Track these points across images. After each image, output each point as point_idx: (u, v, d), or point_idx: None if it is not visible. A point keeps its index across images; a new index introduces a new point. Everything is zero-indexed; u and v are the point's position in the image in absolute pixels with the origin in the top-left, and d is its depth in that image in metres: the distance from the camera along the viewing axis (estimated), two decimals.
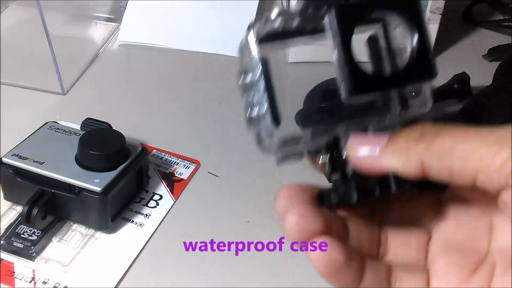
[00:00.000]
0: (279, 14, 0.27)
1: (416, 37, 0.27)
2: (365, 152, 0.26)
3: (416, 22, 0.27)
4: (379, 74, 0.28)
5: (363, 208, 0.29)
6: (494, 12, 0.67)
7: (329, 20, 0.26)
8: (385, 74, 0.28)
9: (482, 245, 0.27)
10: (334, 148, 0.28)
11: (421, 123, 0.26)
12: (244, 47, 0.28)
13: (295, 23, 0.27)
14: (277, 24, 0.27)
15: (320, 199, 0.29)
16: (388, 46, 0.29)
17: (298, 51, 0.55)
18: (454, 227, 0.28)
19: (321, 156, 0.29)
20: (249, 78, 0.27)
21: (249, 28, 0.27)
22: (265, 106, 0.27)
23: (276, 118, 0.27)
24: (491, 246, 0.27)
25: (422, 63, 0.27)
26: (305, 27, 0.27)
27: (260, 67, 0.27)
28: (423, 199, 0.30)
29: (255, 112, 0.27)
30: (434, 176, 0.25)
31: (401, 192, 0.27)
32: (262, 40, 0.27)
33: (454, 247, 0.28)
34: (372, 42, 0.29)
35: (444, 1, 0.54)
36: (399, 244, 0.29)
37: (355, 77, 0.26)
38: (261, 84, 0.27)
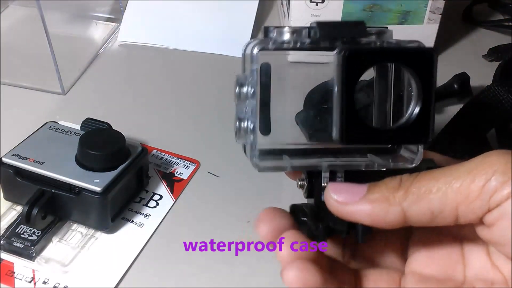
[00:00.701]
0: (291, 34, 0.26)
1: (422, 98, 0.26)
2: (344, 198, 0.26)
3: (427, 83, 0.26)
4: (375, 127, 0.27)
5: (334, 243, 0.29)
6: (494, 12, 0.67)
7: (337, 61, 0.25)
8: (381, 127, 0.28)
9: (457, 274, 0.27)
10: (314, 176, 0.28)
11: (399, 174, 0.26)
12: (246, 58, 0.27)
13: (305, 45, 0.26)
14: (285, 44, 0.26)
15: (293, 214, 0.29)
16: (396, 87, 0.28)
17: (298, 51, 0.55)
18: (425, 260, 0.28)
19: (299, 180, 0.29)
20: (244, 89, 0.27)
21: (253, 41, 0.26)
22: (255, 122, 0.26)
23: (266, 128, 0.27)
24: (467, 274, 0.27)
25: (421, 126, 0.26)
26: (316, 48, 0.26)
27: (257, 83, 0.26)
28: (391, 235, 0.30)
29: (244, 125, 0.27)
30: (415, 221, 0.25)
31: (364, 241, 0.27)
32: (266, 53, 0.26)
33: (429, 279, 0.28)
34: (382, 69, 0.28)
35: (444, 1, 0.54)
36: (371, 280, 0.29)
37: (350, 127, 0.25)
38: (255, 100, 0.26)
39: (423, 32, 0.56)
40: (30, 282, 0.37)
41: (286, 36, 0.26)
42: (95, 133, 0.42)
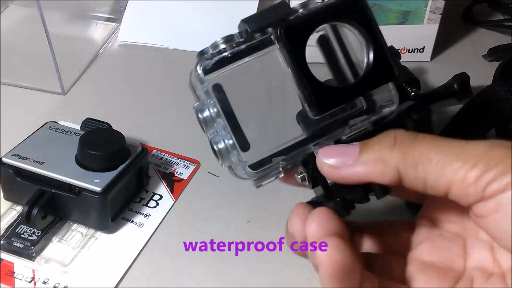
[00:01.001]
0: (225, 42, 0.26)
1: (371, 42, 0.26)
2: (337, 162, 0.26)
3: (369, 27, 0.26)
4: (340, 86, 0.27)
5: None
6: (494, 12, 0.67)
7: (277, 43, 0.25)
8: (345, 83, 0.27)
9: (458, 264, 0.27)
10: (311, 163, 0.28)
11: (392, 129, 0.25)
12: (193, 84, 0.27)
13: (243, 47, 0.26)
14: (224, 53, 0.26)
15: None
16: (342, 47, 0.28)
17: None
18: (428, 250, 0.28)
19: (298, 174, 0.29)
20: (206, 114, 0.26)
21: (194, 67, 0.26)
22: (231, 138, 0.26)
23: (244, 144, 0.27)
24: (467, 265, 0.27)
25: (382, 66, 0.26)
26: (254, 47, 0.26)
27: (215, 101, 0.26)
28: (396, 224, 0.30)
29: (221, 146, 0.27)
30: (409, 184, 0.25)
31: (383, 196, 0.26)
32: (209, 71, 0.26)
33: (430, 267, 0.28)
34: (323, 42, 0.28)
35: (444, 1, 0.54)
36: (379, 265, 0.29)
37: (317, 96, 0.25)
38: (221, 119, 0.26)
39: (423, 32, 0.56)
40: (30, 282, 0.37)
41: (221, 46, 0.26)
42: (95, 133, 0.42)
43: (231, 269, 0.38)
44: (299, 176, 0.28)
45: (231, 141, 0.26)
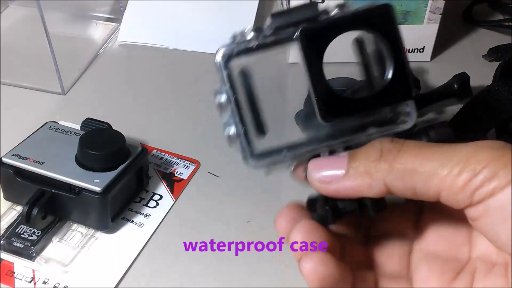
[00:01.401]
0: (253, 32, 0.26)
1: (393, 58, 0.25)
2: (326, 177, 0.26)
3: (393, 41, 0.25)
4: (351, 97, 0.27)
5: (348, 223, 0.29)
6: (494, 12, 0.67)
7: (297, 46, 0.25)
8: (359, 96, 0.27)
9: (463, 253, 0.27)
10: None
11: (379, 140, 0.25)
12: (218, 68, 0.27)
13: (269, 40, 0.26)
14: (251, 43, 0.26)
15: (310, 207, 0.29)
16: (377, 53, 0.27)
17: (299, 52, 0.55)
18: (434, 238, 0.28)
19: (304, 170, 0.28)
20: (222, 98, 0.27)
21: (219, 48, 0.26)
22: (239, 126, 0.26)
23: (260, 129, 0.27)
24: (472, 255, 0.27)
25: (400, 83, 0.26)
26: (280, 41, 0.26)
27: (229, 88, 0.26)
28: (403, 212, 0.30)
29: (231, 131, 0.27)
30: (399, 194, 0.25)
31: (377, 212, 0.26)
32: (232, 57, 0.26)
33: (435, 256, 0.28)
34: (359, 44, 0.28)
35: (444, 1, 0.54)
36: (383, 256, 0.29)
37: (327, 103, 0.25)
38: (233, 105, 0.26)
39: (423, 32, 0.56)
40: (30, 282, 0.37)
41: (250, 35, 0.26)
42: (95, 133, 0.42)
43: (231, 269, 0.38)
44: (304, 174, 0.29)
45: (241, 128, 0.27)
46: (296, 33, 0.25)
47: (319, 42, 0.25)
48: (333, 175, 0.25)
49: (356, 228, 0.31)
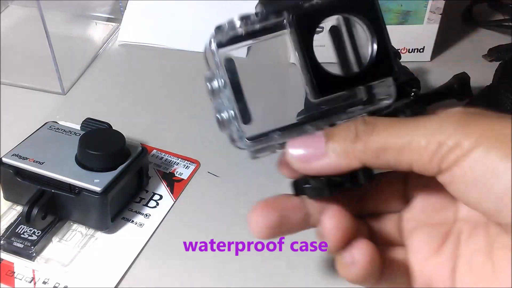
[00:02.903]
0: (241, 20, 0.28)
1: (376, 37, 0.27)
2: (305, 156, 0.27)
3: (375, 22, 0.27)
4: (342, 73, 0.29)
5: (340, 198, 0.30)
6: (494, 12, 0.67)
7: (288, 27, 0.27)
8: (347, 73, 0.29)
9: (449, 215, 0.29)
10: None
11: (352, 121, 0.27)
12: (207, 55, 0.28)
13: (257, 27, 0.28)
14: (239, 30, 0.28)
15: (296, 189, 0.29)
16: (351, 39, 0.29)
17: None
18: (421, 205, 0.30)
19: None
20: (215, 84, 0.28)
21: (211, 36, 0.27)
22: (233, 110, 0.28)
23: (246, 117, 0.28)
24: (458, 215, 0.29)
25: (382, 61, 0.28)
26: (267, 28, 0.27)
27: (224, 73, 0.28)
28: (390, 185, 0.31)
29: (224, 115, 0.28)
30: (376, 168, 0.27)
31: (369, 179, 0.28)
32: (223, 45, 0.28)
33: (424, 223, 0.29)
34: (335, 32, 0.30)
35: (444, 1, 0.54)
36: (378, 230, 0.31)
37: (318, 80, 0.27)
38: (227, 90, 0.27)
39: (423, 32, 0.56)
40: (30, 282, 0.37)
41: (237, 23, 0.28)
42: (95, 133, 0.42)
43: (231, 269, 0.38)
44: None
45: (233, 112, 0.27)
46: (288, 18, 0.27)
47: (309, 25, 0.27)
48: (313, 154, 0.27)
49: (348, 203, 0.31)
